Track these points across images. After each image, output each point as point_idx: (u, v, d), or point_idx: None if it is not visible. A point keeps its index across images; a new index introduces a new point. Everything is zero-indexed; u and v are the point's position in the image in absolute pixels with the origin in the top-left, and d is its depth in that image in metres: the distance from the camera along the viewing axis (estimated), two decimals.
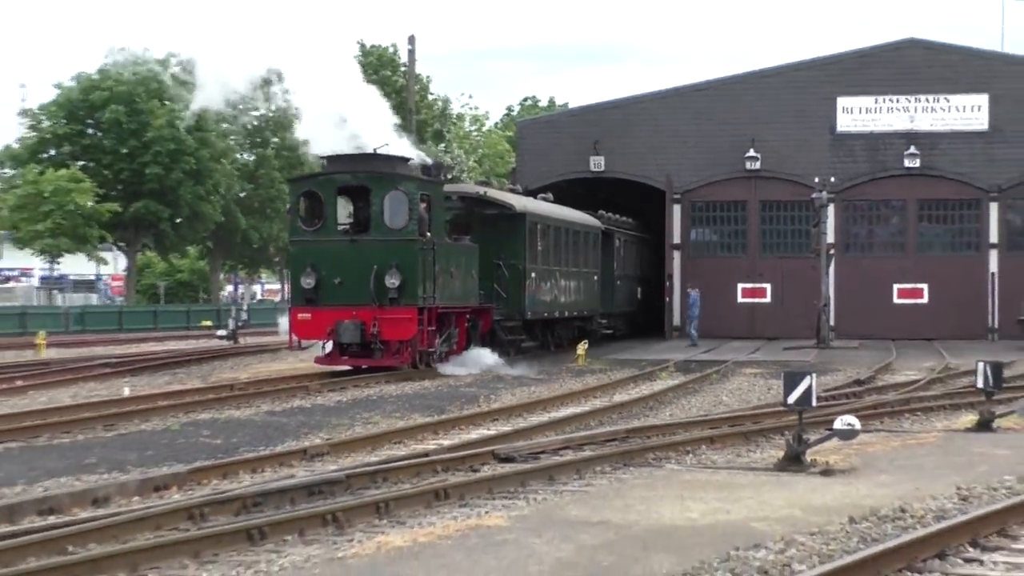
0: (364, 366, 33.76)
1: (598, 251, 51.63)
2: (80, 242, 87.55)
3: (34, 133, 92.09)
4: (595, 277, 50.91)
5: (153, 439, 22.18)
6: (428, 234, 35.07)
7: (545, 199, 52.03)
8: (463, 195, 41.50)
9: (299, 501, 15.52)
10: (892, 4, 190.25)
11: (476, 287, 39.06)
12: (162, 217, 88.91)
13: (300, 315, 34.79)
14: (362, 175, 35.14)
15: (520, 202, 43.65)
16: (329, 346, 34.40)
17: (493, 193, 43.60)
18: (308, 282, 34.31)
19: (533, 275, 41.47)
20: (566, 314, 47.23)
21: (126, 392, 29.99)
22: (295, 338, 35.60)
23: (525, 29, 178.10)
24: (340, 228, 35.48)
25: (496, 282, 39.79)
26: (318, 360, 35.24)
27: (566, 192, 56.40)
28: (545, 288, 43.24)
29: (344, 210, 36.03)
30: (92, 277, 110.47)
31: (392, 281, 33.15)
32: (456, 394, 30.67)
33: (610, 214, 56.51)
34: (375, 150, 35.35)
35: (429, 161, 40.16)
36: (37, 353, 44.11)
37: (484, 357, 38.33)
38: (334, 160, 35.49)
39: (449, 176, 54.22)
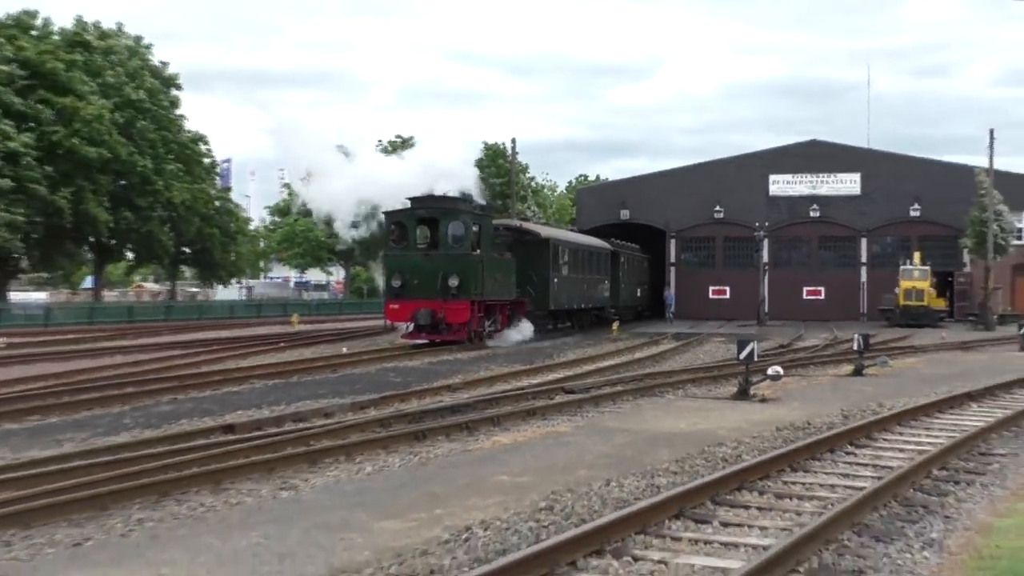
0: (437, 340, 31.31)
1: (607, 265, 49.01)
2: (317, 261, 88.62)
3: (290, 196, 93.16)
4: (605, 282, 48.45)
5: (360, 378, 22.33)
6: (479, 251, 32.68)
7: (572, 230, 51.23)
8: (508, 226, 39.28)
9: (446, 416, 15.57)
10: (802, 114, 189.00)
11: (513, 287, 36.14)
12: (367, 246, 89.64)
13: (391, 305, 32.68)
14: (433, 210, 33.13)
15: (546, 231, 41.71)
16: (411, 327, 32.15)
17: (527, 225, 41.72)
18: (396, 283, 32.07)
19: (555, 280, 39.24)
20: (582, 306, 44.58)
21: (344, 350, 30.04)
22: (387, 321, 33.78)
23: (581, 132, 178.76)
24: (419, 246, 33.14)
25: (529, 284, 37.63)
26: (403, 336, 32.65)
27: (607, 231, 56.19)
28: (565, 289, 40.78)
29: (422, 234, 33.81)
30: (324, 282, 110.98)
31: (453, 282, 31.10)
32: (540, 352, 30.55)
33: (620, 242, 54.04)
34: (444, 194, 33.81)
35: (483, 202, 38.21)
36: (292, 328, 44.30)
37: (525, 331, 36.37)
38: (415, 200, 33.40)
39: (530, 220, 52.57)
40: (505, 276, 35.23)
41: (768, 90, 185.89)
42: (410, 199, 33.26)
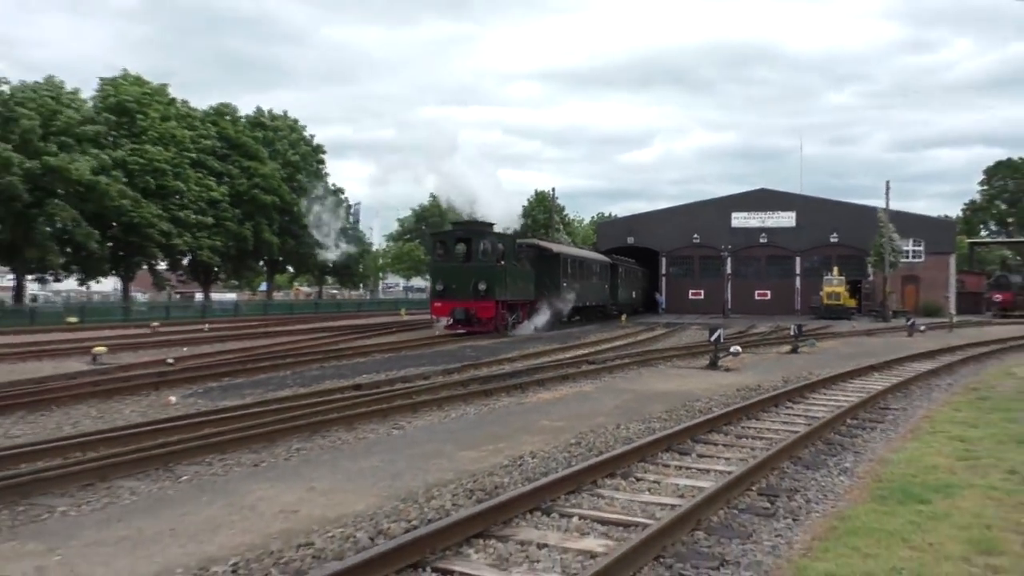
0: (470, 331, 28.96)
1: (608, 273, 45.65)
2: (417, 272, 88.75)
3: (400, 229, 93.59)
4: (606, 286, 44.30)
5: (449, 353, 22.26)
6: (502, 262, 30.09)
7: (580, 248, 49.18)
8: (528, 244, 35.62)
9: (506, 379, 15.54)
10: (752, 170, 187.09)
11: (532, 290, 33.38)
12: None
13: (435, 304, 30.04)
14: (467, 231, 30.58)
15: (557, 248, 37.99)
16: (450, 321, 29.26)
17: (544, 243, 38.46)
18: (439, 287, 29.77)
19: (564, 284, 35.88)
20: (587, 304, 39.93)
21: (436, 333, 30.00)
22: (432, 317, 30.83)
23: (599, 183, 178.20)
24: (457, 259, 30.28)
25: (545, 288, 34.73)
26: (446, 327, 29.51)
27: (617, 251, 55.39)
28: (572, 291, 37.42)
29: (459, 249, 30.50)
30: (424, 285, 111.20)
31: (482, 286, 28.99)
32: (570, 336, 30.34)
33: (620, 256, 51.12)
34: (476, 219, 31.25)
35: (511, 227, 34.87)
36: (401, 317, 44.52)
37: (543, 321, 33.94)
38: (455, 224, 31.26)
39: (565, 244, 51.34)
40: (525, 282, 32.80)
41: (729, 154, 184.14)
42: (452, 223, 31.17)
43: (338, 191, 69.31)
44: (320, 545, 5.79)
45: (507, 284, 30.40)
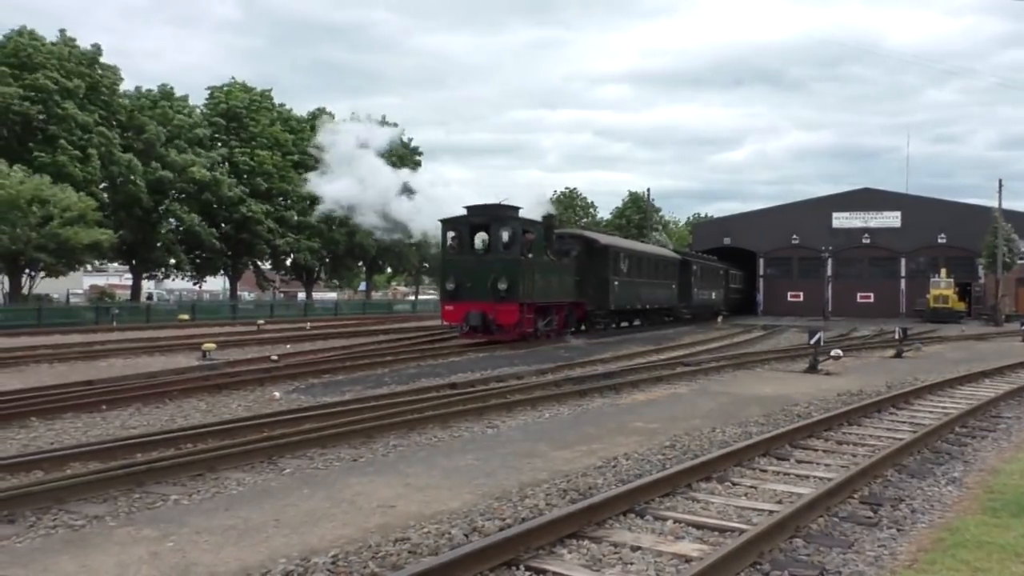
0: (491, 340, 23.95)
1: (675, 271, 38.41)
2: None
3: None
4: (673, 286, 37.64)
5: (540, 353, 22.16)
6: (529, 255, 24.42)
7: (642, 241, 45.99)
8: (572, 235, 30.03)
9: (599, 380, 15.45)
10: (847, 170, 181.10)
11: (571, 289, 27.40)
12: None
13: (446, 307, 24.56)
14: (486, 217, 24.60)
15: (605, 239, 31.36)
16: (466, 328, 23.95)
17: (588, 233, 31.28)
18: (450, 286, 24.25)
19: (616, 283, 29.96)
20: (647, 306, 34.14)
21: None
22: (443, 321, 25.48)
23: (691, 184, 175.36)
24: (474, 251, 24.84)
25: (592, 287, 28.66)
26: (460, 335, 24.44)
27: (714, 252, 54.55)
28: (626, 291, 31.22)
29: (475, 240, 24.97)
30: None
31: (502, 285, 23.54)
32: (663, 337, 30.00)
33: (697, 254, 46.39)
34: (500, 202, 25.10)
35: (550, 214, 28.49)
36: None
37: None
38: (470, 208, 25.06)
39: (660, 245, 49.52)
40: (560, 279, 26.87)
41: (825, 153, 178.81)
42: (466, 207, 25.49)
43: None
44: (416, 540, 5.88)
45: (535, 282, 25.03)
